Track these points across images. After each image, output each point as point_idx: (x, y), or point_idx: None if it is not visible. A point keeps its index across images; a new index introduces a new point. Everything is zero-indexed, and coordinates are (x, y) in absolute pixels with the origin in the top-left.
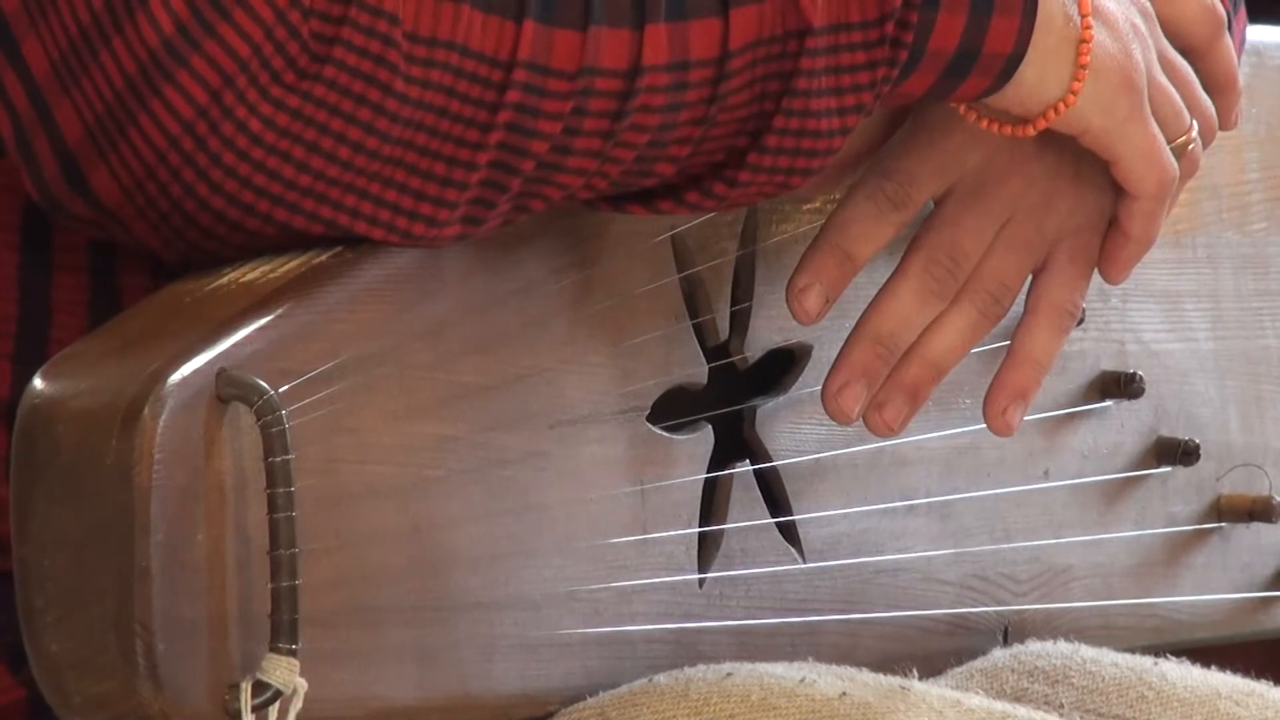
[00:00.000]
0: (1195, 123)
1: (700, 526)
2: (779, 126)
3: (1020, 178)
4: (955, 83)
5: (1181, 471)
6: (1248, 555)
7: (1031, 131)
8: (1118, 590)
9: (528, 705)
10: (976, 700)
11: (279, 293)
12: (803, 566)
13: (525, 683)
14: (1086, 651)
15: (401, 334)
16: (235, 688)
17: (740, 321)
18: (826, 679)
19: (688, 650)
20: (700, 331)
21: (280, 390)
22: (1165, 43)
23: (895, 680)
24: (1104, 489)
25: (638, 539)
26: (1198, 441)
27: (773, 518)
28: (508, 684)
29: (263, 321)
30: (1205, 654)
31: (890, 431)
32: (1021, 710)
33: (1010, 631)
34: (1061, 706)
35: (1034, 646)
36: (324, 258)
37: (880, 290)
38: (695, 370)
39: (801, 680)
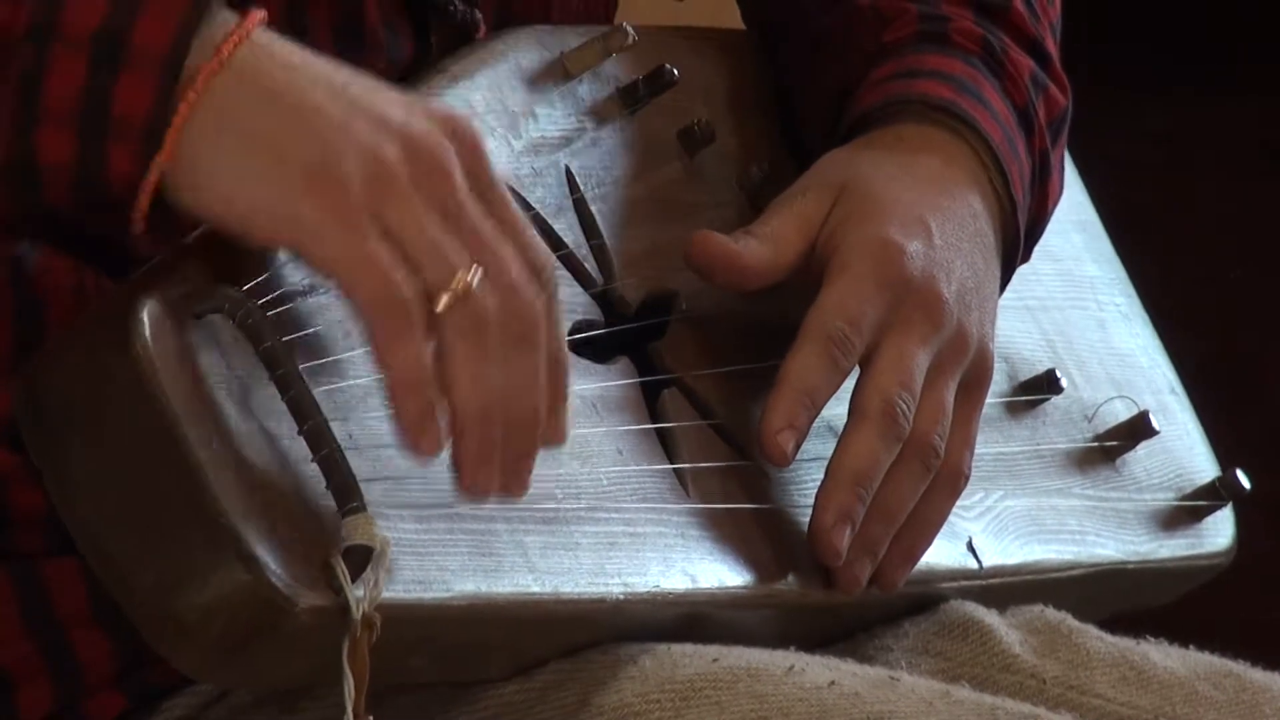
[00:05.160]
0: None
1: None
2: None
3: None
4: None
5: (1056, 412)
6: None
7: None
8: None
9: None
10: (964, 692)
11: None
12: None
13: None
14: (1072, 623)
15: None
16: (329, 566)
17: (603, 259)
18: (814, 668)
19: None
20: (569, 264)
21: (243, 288)
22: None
23: (883, 671)
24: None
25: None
26: (1051, 368)
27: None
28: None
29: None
30: (1182, 635)
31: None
32: (1009, 703)
33: (973, 543)
34: (1044, 682)
35: (1023, 611)
36: None
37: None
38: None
39: (790, 668)
